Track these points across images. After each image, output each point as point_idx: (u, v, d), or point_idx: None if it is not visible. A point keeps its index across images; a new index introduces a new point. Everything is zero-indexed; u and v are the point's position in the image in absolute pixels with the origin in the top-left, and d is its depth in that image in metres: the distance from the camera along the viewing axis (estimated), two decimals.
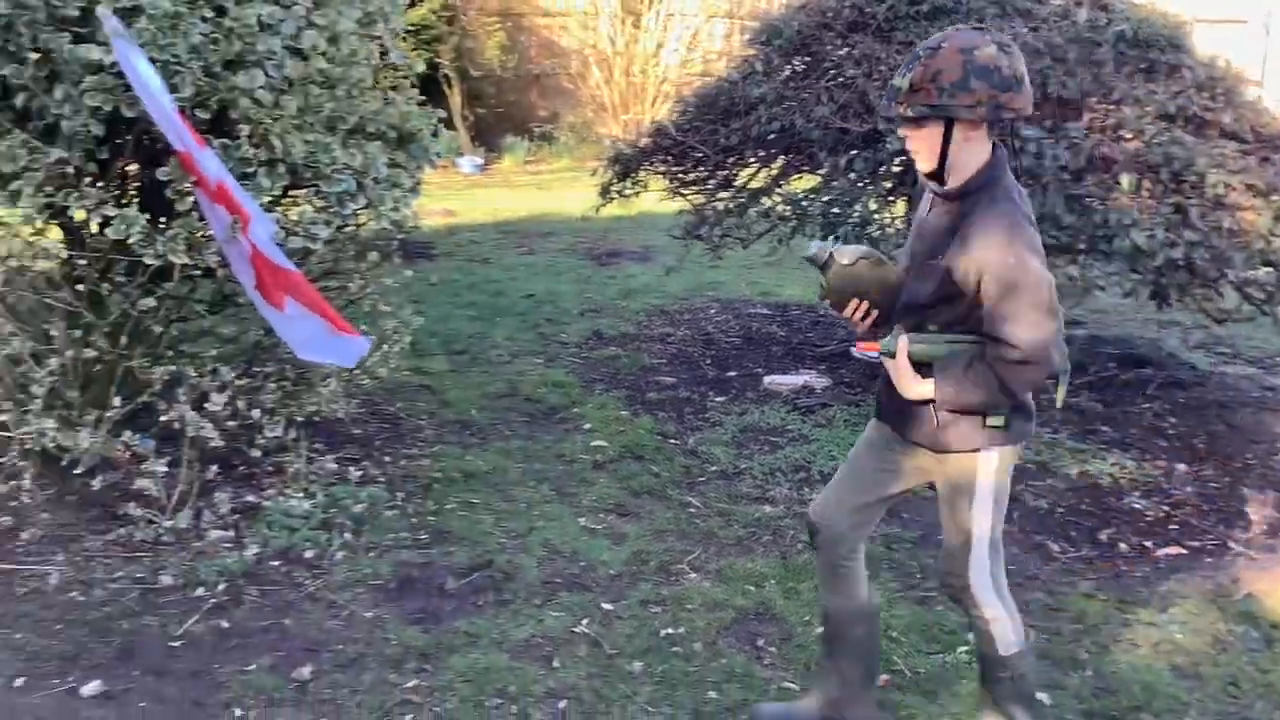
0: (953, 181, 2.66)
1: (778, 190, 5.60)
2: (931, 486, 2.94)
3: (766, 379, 6.16)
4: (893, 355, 2.73)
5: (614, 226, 10.24)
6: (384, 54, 4.26)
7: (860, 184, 5.04)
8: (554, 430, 5.50)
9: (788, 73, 5.47)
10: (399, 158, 4.24)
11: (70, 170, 3.84)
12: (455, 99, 15.01)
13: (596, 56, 15.80)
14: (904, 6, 5.41)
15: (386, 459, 5.04)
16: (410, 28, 12.03)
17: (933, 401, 2.70)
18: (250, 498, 4.48)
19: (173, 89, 3.64)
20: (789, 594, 3.93)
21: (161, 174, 3.81)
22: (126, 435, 4.08)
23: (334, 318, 3.85)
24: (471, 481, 4.83)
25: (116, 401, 4.03)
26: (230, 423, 4.19)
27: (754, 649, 3.62)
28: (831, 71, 5.26)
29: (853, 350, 2.94)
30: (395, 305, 4.70)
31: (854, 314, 2.76)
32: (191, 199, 3.81)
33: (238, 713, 3.19)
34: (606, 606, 3.84)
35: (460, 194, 12.32)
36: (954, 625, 3.68)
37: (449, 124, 6.67)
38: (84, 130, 3.71)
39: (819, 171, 5.50)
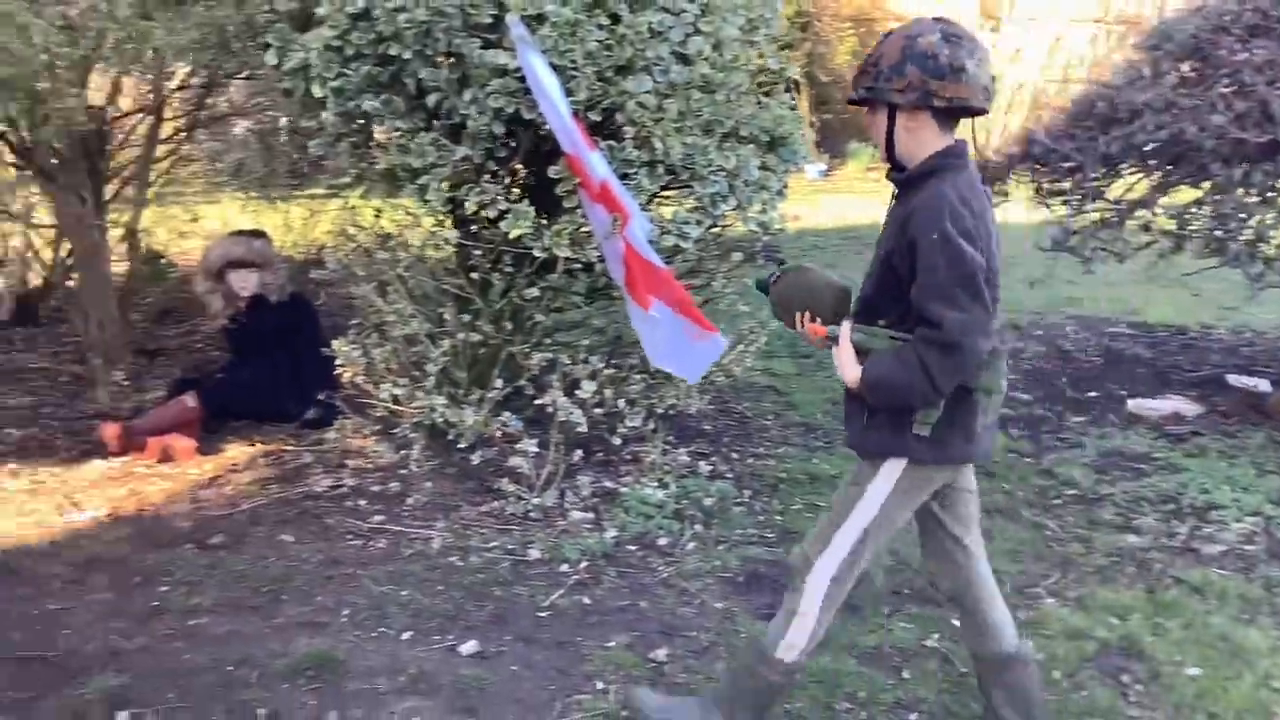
0: (906, 170, 2.65)
1: (1159, 204, 5.27)
2: None
3: (1131, 403, 5.82)
4: (836, 340, 2.72)
5: None
6: (760, 59, 4.35)
7: (1256, 199, 4.66)
8: None
9: (1176, 78, 5.13)
10: (769, 161, 4.31)
11: (471, 167, 4.15)
12: (803, 104, 15.10)
13: None
14: None
15: (734, 455, 5.14)
16: None
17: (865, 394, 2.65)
18: (608, 483, 4.68)
19: (568, 93, 3.86)
20: (1157, 630, 3.69)
21: (552, 173, 4.05)
22: (504, 416, 4.37)
23: (697, 316, 3.96)
24: (817, 484, 4.84)
25: (498, 384, 4.32)
26: (597, 410, 4.40)
27: (1118, 684, 3.43)
28: (1227, 78, 4.89)
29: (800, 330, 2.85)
30: (754, 306, 4.78)
31: (800, 324, 2.79)
32: (577, 197, 4.03)
33: (599, 685, 3.33)
34: (957, 623, 3.75)
35: (805, 199, 12.35)
36: None
37: None
38: (487, 130, 4.00)
39: (1204, 184, 5.14)
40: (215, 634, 3.54)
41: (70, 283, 6.36)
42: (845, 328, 2.70)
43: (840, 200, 12.74)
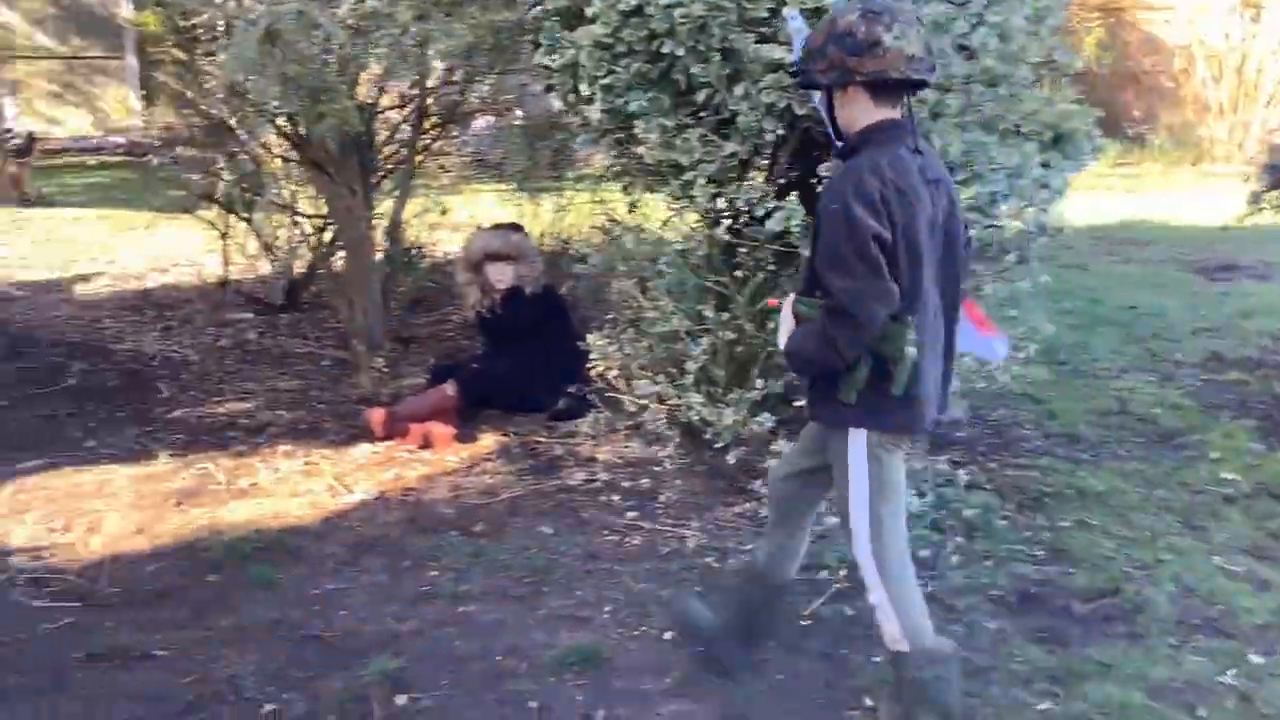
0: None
1: None
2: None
3: None
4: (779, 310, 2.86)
5: (1223, 239, 9.32)
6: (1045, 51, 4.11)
7: None
8: (1173, 456, 5.07)
9: None
10: (1051, 158, 4.08)
11: (737, 164, 4.09)
12: None
13: (1204, 52, 14.50)
14: None
15: (992, 466, 4.92)
16: None
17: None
18: None
19: None
20: None
21: (822, 170, 3.94)
22: (761, 416, 4.29)
23: (979, 316, 3.78)
24: (1086, 500, 4.58)
25: (758, 383, 4.25)
26: None
27: None
28: None
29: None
30: (1026, 310, 4.56)
31: None
32: None
33: (868, 702, 3.22)
34: (1255, 659, 3.46)
35: None
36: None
37: None
38: (757, 126, 3.93)
39: None
40: (483, 622, 3.60)
41: (334, 271, 6.64)
42: (789, 298, 2.85)
43: (1088, 197, 12.13)
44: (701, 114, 4.12)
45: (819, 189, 3.91)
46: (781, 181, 4.15)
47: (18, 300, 7.53)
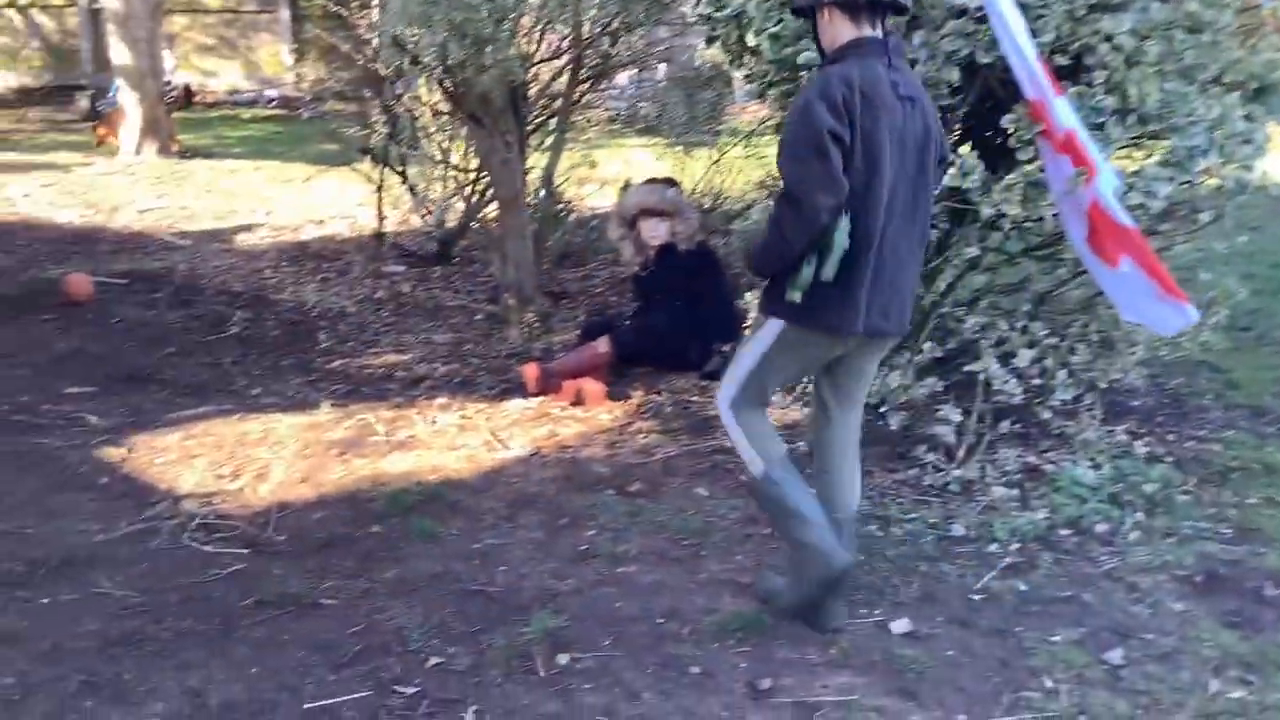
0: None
1: None
2: None
3: None
4: None
5: None
6: None
7: None
8: None
9: None
10: (1253, 111, 3.79)
11: None
12: None
13: None
14: None
15: (1170, 437, 4.66)
16: None
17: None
18: (1032, 458, 4.35)
19: (1034, 33, 3.53)
20: None
21: (1005, 122, 3.73)
22: (929, 380, 4.13)
23: (1168, 282, 3.56)
24: (1275, 477, 4.30)
25: (925, 346, 4.09)
26: (1034, 381, 4.08)
27: None
28: None
29: None
30: (1219, 274, 4.28)
31: None
32: (1033, 148, 3.70)
33: (1048, 683, 3.06)
34: None
35: None
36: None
37: None
38: (935, 75, 3.74)
39: None
40: (643, 583, 3.54)
41: (486, 225, 6.65)
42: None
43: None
44: None
45: (1007, 142, 3.74)
46: (957, 134, 3.96)
47: (181, 250, 7.76)
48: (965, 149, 3.99)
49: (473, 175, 6.95)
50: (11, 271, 6.90)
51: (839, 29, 2.97)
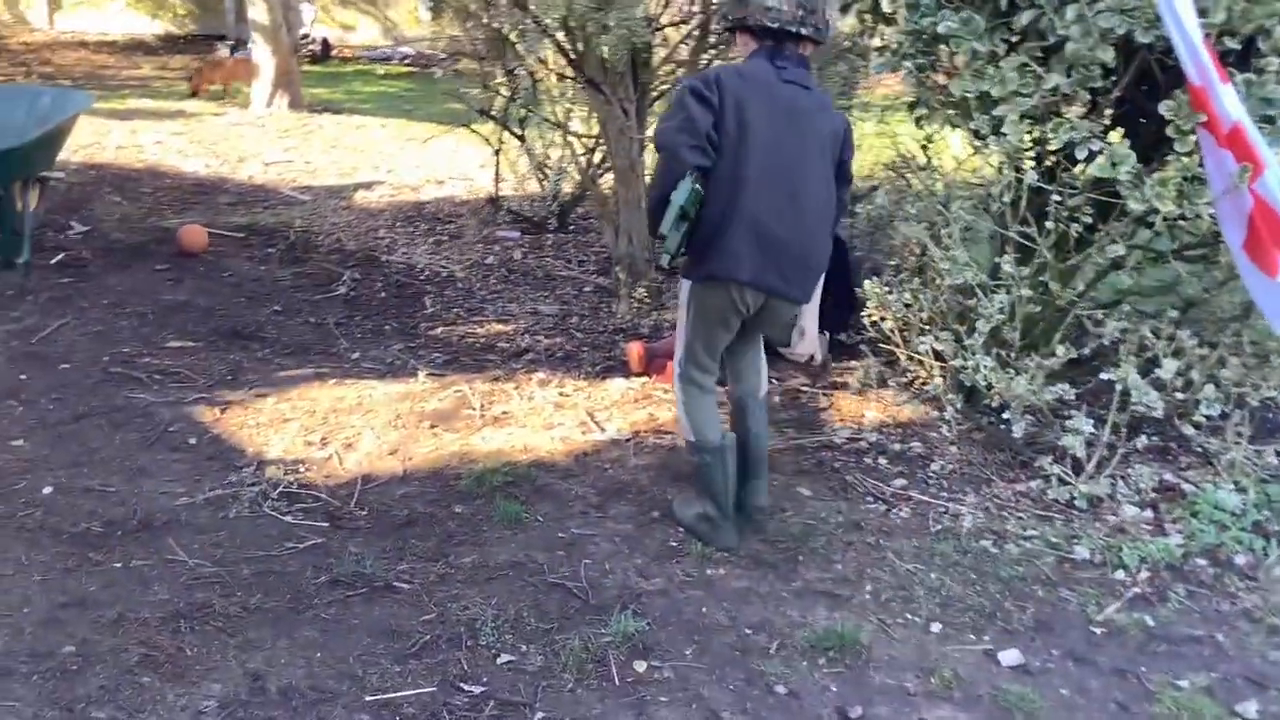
0: None
1: None
2: None
3: None
4: None
5: None
6: None
7: None
8: None
9: None
10: None
11: (1058, 98, 3.58)
12: None
13: None
14: None
15: None
16: None
17: None
18: (1169, 476, 4.00)
19: (1201, 13, 3.17)
20: None
21: (1163, 109, 3.38)
22: (1059, 387, 3.81)
23: None
24: None
25: (1059, 351, 3.76)
26: (1177, 394, 3.73)
27: None
28: None
29: None
30: None
31: None
32: (1193, 139, 3.34)
33: None
34: None
35: None
36: None
37: None
38: (1088, 54, 3.40)
39: None
40: (732, 588, 3.33)
41: (602, 194, 6.44)
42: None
43: None
44: (1022, 39, 3.62)
45: (1164, 131, 3.40)
46: (1108, 121, 3.60)
47: (300, 205, 7.74)
48: (1116, 136, 3.65)
49: (591, 142, 6.75)
50: (132, 220, 6.95)
51: (746, 48, 3.41)
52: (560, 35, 5.52)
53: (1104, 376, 3.79)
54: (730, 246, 3.26)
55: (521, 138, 7.22)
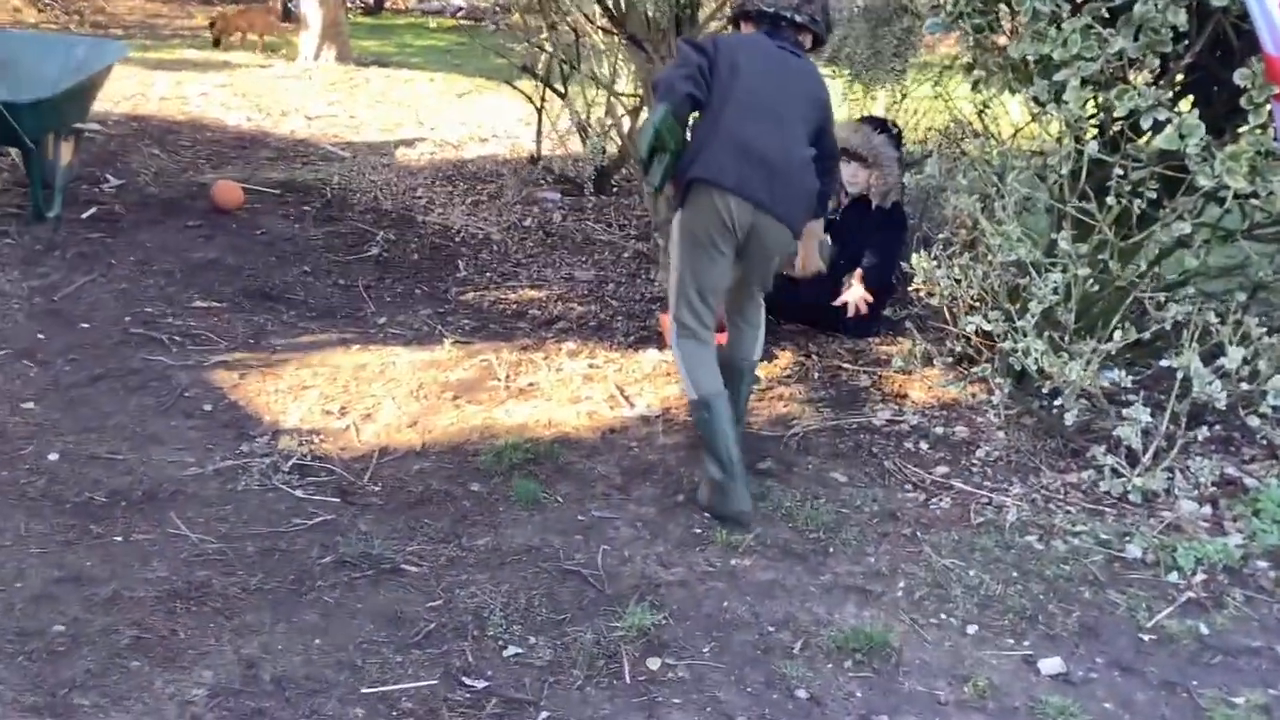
0: None
1: None
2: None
3: None
4: None
5: None
6: None
7: None
8: None
9: None
10: None
11: (1123, 63, 3.32)
12: None
13: None
14: None
15: None
16: None
17: None
18: (1230, 470, 3.76)
19: None
20: None
21: (1238, 77, 3.11)
22: (1116, 373, 3.57)
23: None
24: None
25: (1116, 334, 3.52)
26: (1242, 384, 3.48)
27: None
28: None
29: None
30: None
31: None
32: (1268, 110, 3.08)
33: None
34: None
35: None
36: None
37: None
38: (1158, 17, 3.14)
39: None
40: (757, 580, 3.15)
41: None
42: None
43: None
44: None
45: (1237, 103, 3.14)
46: (1177, 89, 3.34)
47: (339, 161, 7.60)
48: (1185, 105, 3.39)
49: (635, 102, 6.53)
50: (168, 174, 6.83)
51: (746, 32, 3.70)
52: None
53: (1164, 363, 3.55)
54: (716, 158, 3.40)
55: (563, 95, 7.01)
